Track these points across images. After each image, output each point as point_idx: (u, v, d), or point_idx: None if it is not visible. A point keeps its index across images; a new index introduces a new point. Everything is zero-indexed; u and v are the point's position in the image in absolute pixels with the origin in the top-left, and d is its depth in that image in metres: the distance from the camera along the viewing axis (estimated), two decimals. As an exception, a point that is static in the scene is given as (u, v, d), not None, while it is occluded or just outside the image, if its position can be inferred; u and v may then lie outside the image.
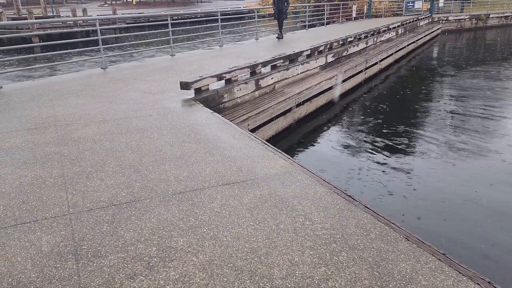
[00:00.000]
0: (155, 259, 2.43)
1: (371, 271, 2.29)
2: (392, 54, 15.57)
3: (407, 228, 2.85)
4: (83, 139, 4.54)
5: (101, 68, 9.31)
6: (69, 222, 2.85)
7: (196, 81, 6.54)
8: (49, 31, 21.90)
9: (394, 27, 18.64)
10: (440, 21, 28.37)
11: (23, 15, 30.31)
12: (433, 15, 28.39)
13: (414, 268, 2.32)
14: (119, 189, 3.33)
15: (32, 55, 9.78)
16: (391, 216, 3.08)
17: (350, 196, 3.25)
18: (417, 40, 20.23)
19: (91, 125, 5.04)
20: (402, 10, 28.61)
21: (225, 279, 2.25)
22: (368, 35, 15.00)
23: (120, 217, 2.90)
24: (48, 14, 33.33)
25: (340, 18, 22.84)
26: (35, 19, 26.19)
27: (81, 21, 27.08)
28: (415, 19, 23.65)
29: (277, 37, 14.82)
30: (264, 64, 8.41)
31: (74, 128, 4.96)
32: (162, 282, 2.23)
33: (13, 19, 29.23)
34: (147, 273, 2.30)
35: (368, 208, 3.04)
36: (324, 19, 20.68)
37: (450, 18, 29.18)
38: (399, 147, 7.57)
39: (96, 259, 2.43)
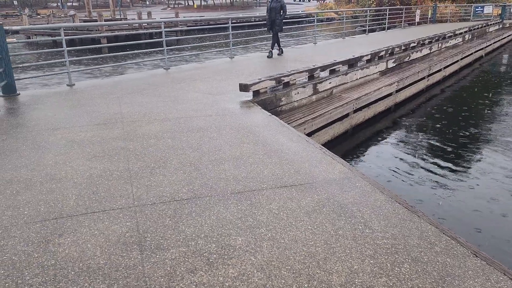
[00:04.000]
0: (215, 255, 2.48)
1: (435, 286, 2.19)
2: (457, 61, 14.83)
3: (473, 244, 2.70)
4: (147, 136, 4.74)
5: (163, 68, 9.69)
6: (134, 214, 2.98)
7: (255, 84, 6.61)
8: (116, 33, 23.14)
9: (461, 33, 17.75)
10: (512, 27, 26.61)
11: (93, 18, 32.25)
12: (504, 21, 26.70)
13: (484, 287, 2.19)
14: (180, 185, 3.44)
15: (100, 55, 10.38)
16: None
17: (412, 206, 3.14)
18: (485, 47, 19.12)
19: (155, 123, 5.25)
20: (469, 15, 27.18)
21: (283, 281, 2.25)
22: (432, 41, 14.40)
23: (181, 212, 3.00)
24: (116, 17, 35.20)
25: (402, 22, 22.11)
26: (105, 21, 27.75)
27: (146, 24, 28.34)
28: (484, 24, 22.37)
29: (267, 56, 11.16)
30: (323, 68, 8.33)
31: (138, 125, 5.19)
32: (221, 279, 2.27)
33: (85, 21, 31.19)
34: (206, 269, 2.36)
35: (431, 220, 2.92)
36: (385, 24, 20.13)
37: (523, 24, 27.28)
38: (460, 159, 7.19)
39: (159, 251, 2.52)
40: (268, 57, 11.11)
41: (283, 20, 10.91)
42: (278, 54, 11.51)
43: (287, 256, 2.47)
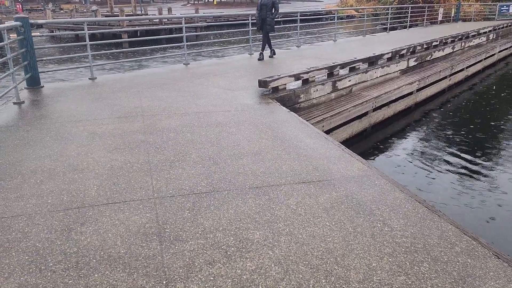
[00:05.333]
0: (233, 248, 2.50)
1: (455, 286, 2.16)
2: (481, 60, 14.51)
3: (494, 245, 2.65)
4: (166, 130, 4.79)
5: (183, 64, 9.75)
6: (154, 206, 3.03)
7: (274, 80, 6.61)
8: (137, 28, 23.36)
9: (485, 32, 17.35)
10: (539, 27, 25.84)
11: (115, 13, 32.65)
12: (531, 20, 25.96)
13: (505, 288, 2.16)
14: (199, 179, 3.47)
15: (121, 49, 10.50)
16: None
17: (432, 206, 3.10)
18: (510, 47, 18.65)
19: (174, 117, 5.30)
20: (494, 14, 26.54)
21: (300, 276, 2.25)
22: (455, 40, 14.13)
23: (200, 205, 3.03)
24: (137, 13, 35.57)
25: (425, 21, 21.74)
26: (126, 16, 28.07)
27: (166, 19, 28.56)
28: (509, 24, 21.81)
29: (258, 59, 10.14)
30: (343, 66, 8.27)
31: (158, 118, 5.25)
32: (239, 272, 2.29)
33: (106, 16, 31.61)
34: (224, 261, 2.38)
35: (452, 220, 2.88)
36: (406, 22, 19.83)
37: (551, 23, 26.46)
38: (482, 161, 7.05)
39: (178, 243, 2.56)
40: (259, 59, 10.07)
41: (275, 19, 9.78)
42: (269, 56, 10.41)
43: (305, 251, 2.47)
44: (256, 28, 9.98)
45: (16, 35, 6.81)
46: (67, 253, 2.45)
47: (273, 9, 9.67)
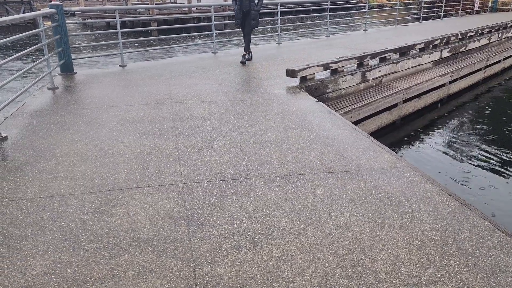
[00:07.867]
0: (259, 235, 2.51)
1: (487, 281, 2.11)
2: (518, 52, 13.92)
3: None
4: (194, 117, 4.83)
5: (211, 52, 9.79)
6: (182, 191, 3.07)
7: (302, 69, 6.55)
8: (166, 17, 23.55)
9: (524, 23, 16.60)
10: None
11: (145, 1, 32.99)
12: None
13: (540, 286, 2.09)
14: (227, 166, 3.50)
15: (151, 37, 10.62)
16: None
17: (464, 200, 3.02)
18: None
19: (202, 105, 5.35)
20: (535, 4, 25.33)
21: (327, 265, 2.24)
22: (492, 30, 13.59)
23: (227, 192, 3.05)
24: (167, 1, 35.83)
25: (460, 11, 21.00)
26: (155, 5, 28.27)
27: (195, 8, 28.66)
28: (551, 14, 20.80)
29: (241, 61, 8.29)
30: (373, 56, 8.10)
31: (187, 106, 5.31)
32: (265, 258, 2.30)
33: (137, 4, 31.98)
34: (251, 247, 2.40)
35: (484, 214, 2.80)
36: (440, 12, 19.21)
37: None
38: (519, 155, 6.81)
39: (205, 227, 2.59)
40: (242, 62, 8.28)
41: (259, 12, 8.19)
42: (246, 59, 8.45)
43: (331, 240, 2.46)
44: (235, 23, 8.19)
45: (50, 22, 6.99)
46: (98, 234, 2.53)
47: (257, 0, 8.00)
